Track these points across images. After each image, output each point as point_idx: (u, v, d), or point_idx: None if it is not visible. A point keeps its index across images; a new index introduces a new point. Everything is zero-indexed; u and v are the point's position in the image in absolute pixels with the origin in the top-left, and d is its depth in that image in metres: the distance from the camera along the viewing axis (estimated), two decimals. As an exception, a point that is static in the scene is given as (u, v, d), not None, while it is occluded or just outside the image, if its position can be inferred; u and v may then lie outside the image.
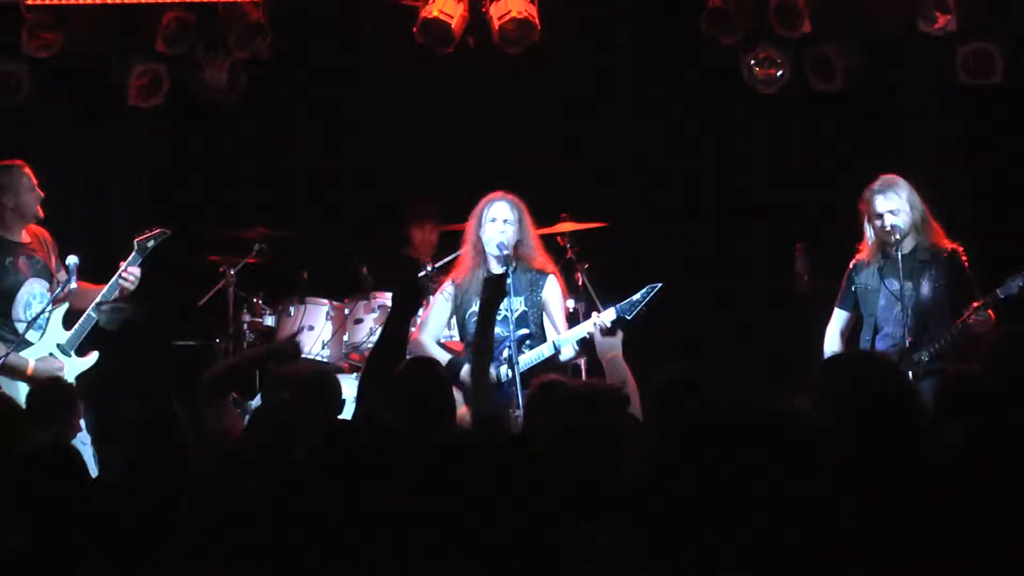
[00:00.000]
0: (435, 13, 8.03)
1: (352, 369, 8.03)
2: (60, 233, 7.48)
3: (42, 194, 7.02)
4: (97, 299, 6.87)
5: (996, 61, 7.85)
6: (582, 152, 8.83)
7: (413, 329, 7.36)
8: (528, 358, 6.61)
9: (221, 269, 8.04)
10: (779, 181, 8.69)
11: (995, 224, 8.41)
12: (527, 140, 8.80)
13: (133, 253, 7.04)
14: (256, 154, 8.93)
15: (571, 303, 7.77)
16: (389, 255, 8.48)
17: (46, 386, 5.94)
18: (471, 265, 6.82)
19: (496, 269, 6.67)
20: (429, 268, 7.99)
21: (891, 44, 8.19)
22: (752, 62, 8.13)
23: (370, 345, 7.98)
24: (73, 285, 6.93)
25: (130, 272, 6.94)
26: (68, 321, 6.99)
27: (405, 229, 8.59)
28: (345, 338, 8.08)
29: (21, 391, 6.72)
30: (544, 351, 6.66)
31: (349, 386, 6.81)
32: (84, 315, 6.92)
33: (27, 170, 7.01)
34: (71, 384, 6.28)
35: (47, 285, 6.98)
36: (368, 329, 8.02)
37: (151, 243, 7.12)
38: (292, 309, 8.13)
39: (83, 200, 8.65)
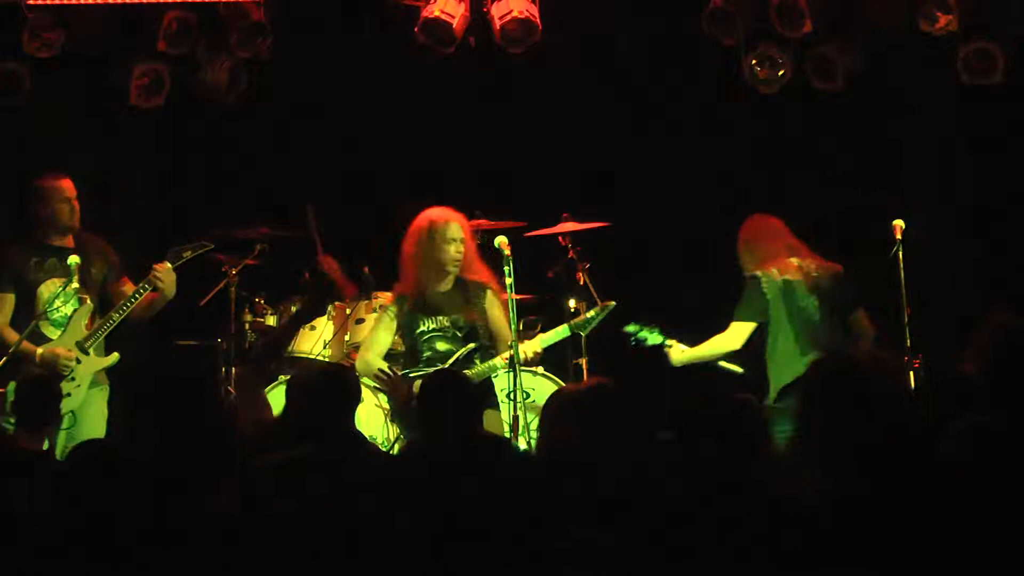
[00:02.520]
0: (436, 13, 8.03)
1: (353, 369, 8.02)
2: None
3: (76, 205, 7.11)
4: (109, 315, 7.02)
5: (997, 61, 7.87)
6: (583, 152, 8.84)
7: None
8: (479, 373, 6.74)
9: (223, 269, 8.04)
10: (780, 181, 8.70)
11: (996, 224, 8.43)
12: (528, 140, 8.80)
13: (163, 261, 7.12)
14: (257, 154, 8.93)
15: (573, 302, 7.82)
16: (390, 256, 8.49)
17: (32, 385, 5.97)
18: (421, 283, 6.90)
19: (446, 286, 6.86)
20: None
21: (892, 44, 8.20)
22: (753, 62, 8.14)
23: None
24: (75, 285, 6.97)
25: (160, 271, 6.98)
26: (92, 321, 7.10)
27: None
28: (347, 338, 8.08)
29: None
30: (492, 371, 6.80)
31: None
32: (106, 316, 7.03)
33: (63, 183, 7.14)
34: (55, 382, 6.29)
35: (77, 287, 7.07)
36: (369, 329, 8.00)
37: (187, 254, 7.17)
38: (294, 309, 8.14)
39: (84, 200, 8.61)
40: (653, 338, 7.04)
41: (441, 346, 6.84)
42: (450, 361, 6.72)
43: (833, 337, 6.91)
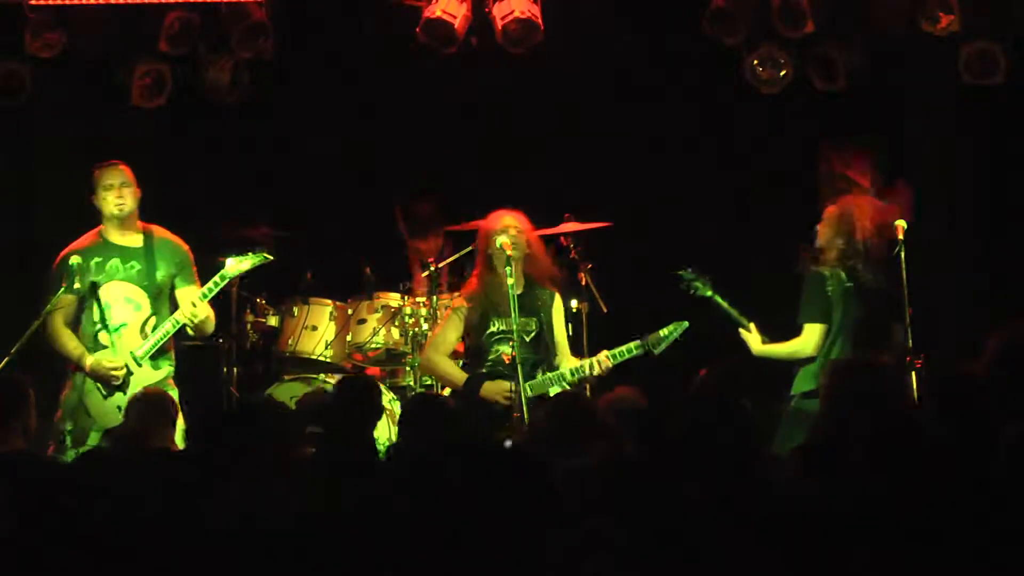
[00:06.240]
0: (438, 13, 8.03)
1: (355, 369, 8.04)
2: (62, 232, 7.47)
3: (124, 193, 6.91)
4: (164, 327, 6.85)
5: (999, 61, 7.88)
6: (585, 152, 8.84)
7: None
8: (541, 385, 6.82)
9: (224, 269, 8.03)
10: (781, 181, 8.70)
11: (996, 224, 8.44)
12: (530, 140, 8.80)
13: (218, 275, 6.90)
14: (259, 154, 8.92)
15: (575, 303, 7.82)
16: (392, 255, 8.50)
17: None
18: (486, 283, 6.95)
19: (516, 289, 6.80)
20: (433, 268, 8.01)
21: (894, 44, 8.21)
22: (755, 62, 8.14)
23: (374, 345, 8.02)
24: (76, 285, 6.86)
25: (197, 309, 6.78)
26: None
27: (408, 232, 8.59)
28: (348, 338, 8.09)
29: (79, 381, 6.78)
30: (555, 384, 6.85)
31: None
32: (161, 328, 6.88)
33: (110, 169, 6.95)
34: (25, 386, 6.21)
35: (139, 292, 6.92)
36: (371, 329, 8.03)
37: (245, 265, 6.96)
38: (295, 309, 8.15)
39: (86, 200, 8.61)
40: (703, 289, 6.94)
41: (504, 349, 6.86)
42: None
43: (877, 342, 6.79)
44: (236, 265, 6.94)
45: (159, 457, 4.00)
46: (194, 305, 6.80)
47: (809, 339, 6.74)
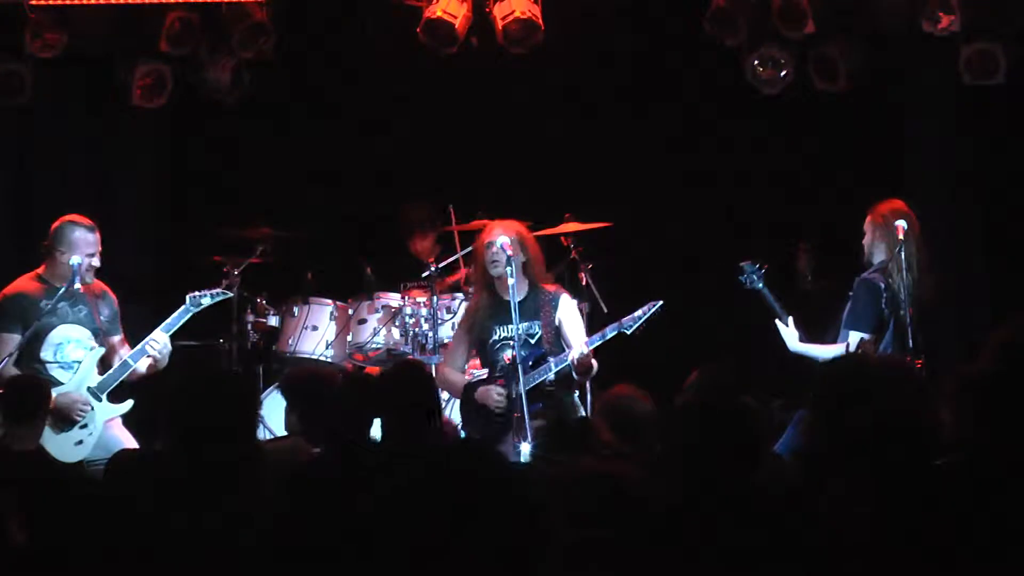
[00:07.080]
0: (439, 13, 8.04)
1: (356, 369, 8.04)
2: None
3: (97, 257, 6.82)
4: (124, 359, 6.82)
5: (999, 61, 7.87)
6: (586, 152, 8.84)
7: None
8: (531, 376, 6.73)
9: (225, 269, 8.03)
10: (782, 181, 8.71)
11: (998, 224, 8.44)
12: (530, 140, 8.80)
13: (182, 308, 6.93)
14: (260, 154, 8.92)
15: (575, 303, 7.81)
16: (392, 256, 8.51)
17: (24, 386, 5.91)
18: (482, 295, 6.97)
19: (518, 296, 6.76)
20: (433, 269, 8.02)
21: (894, 44, 8.21)
22: (756, 62, 8.15)
23: (374, 345, 8.02)
24: (77, 286, 6.83)
25: (158, 341, 6.77)
26: (103, 366, 6.87)
27: (404, 237, 8.58)
28: (349, 338, 8.10)
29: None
30: (544, 371, 6.78)
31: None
32: (120, 361, 6.85)
33: (91, 234, 6.82)
34: (47, 387, 6.14)
35: (88, 334, 6.86)
36: (372, 329, 8.03)
37: (205, 300, 7.00)
38: (296, 309, 8.16)
39: (86, 200, 8.63)
40: (757, 282, 6.90)
41: (508, 354, 6.82)
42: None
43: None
44: (198, 300, 6.97)
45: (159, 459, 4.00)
46: (156, 342, 6.80)
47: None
